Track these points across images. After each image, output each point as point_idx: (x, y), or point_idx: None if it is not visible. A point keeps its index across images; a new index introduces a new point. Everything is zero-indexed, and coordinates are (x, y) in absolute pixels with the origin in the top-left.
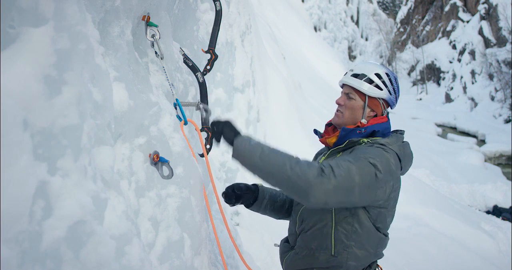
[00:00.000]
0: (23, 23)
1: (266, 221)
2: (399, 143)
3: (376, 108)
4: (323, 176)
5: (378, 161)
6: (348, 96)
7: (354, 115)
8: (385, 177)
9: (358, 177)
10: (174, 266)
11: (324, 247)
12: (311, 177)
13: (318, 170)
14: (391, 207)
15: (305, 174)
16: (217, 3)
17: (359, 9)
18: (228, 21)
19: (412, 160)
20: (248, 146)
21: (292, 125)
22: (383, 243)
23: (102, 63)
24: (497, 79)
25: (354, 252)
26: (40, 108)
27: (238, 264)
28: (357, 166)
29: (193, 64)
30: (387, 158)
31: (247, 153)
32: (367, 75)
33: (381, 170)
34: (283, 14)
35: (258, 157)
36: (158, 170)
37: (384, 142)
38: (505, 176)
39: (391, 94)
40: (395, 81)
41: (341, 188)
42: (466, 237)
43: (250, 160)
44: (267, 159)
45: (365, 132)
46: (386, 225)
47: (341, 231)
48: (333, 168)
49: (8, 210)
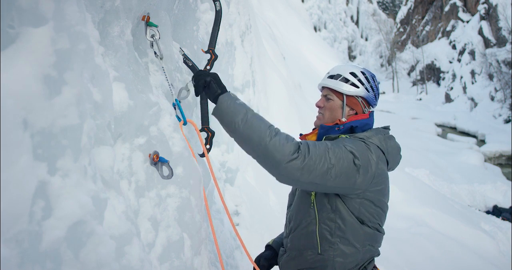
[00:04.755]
0: (23, 23)
1: (266, 221)
2: (379, 135)
3: (356, 107)
4: (298, 153)
5: (355, 149)
6: (327, 97)
7: (334, 116)
8: (363, 166)
9: (334, 160)
10: (174, 266)
11: (311, 246)
12: (287, 150)
13: (295, 146)
14: (378, 200)
15: (282, 146)
16: (217, 3)
17: (359, 9)
18: (228, 21)
19: (399, 153)
20: (233, 104)
21: (292, 125)
22: (373, 239)
23: (102, 63)
24: (497, 79)
25: (340, 249)
26: (40, 108)
27: (238, 264)
28: (334, 150)
29: (193, 64)
30: (365, 149)
31: (231, 111)
32: (342, 75)
33: (359, 158)
34: (283, 14)
35: (240, 118)
36: (158, 170)
37: (363, 135)
38: (505, 176)
39: (369, 92)
40: (372, 79)
41: (315, 167)
42: (466, 237)
43: (232, 120)
44: (249, 122)
45: (343, 129)
46: (374, 219)
47: (325, 228)
48: (309, 147)
49: (8, 210)
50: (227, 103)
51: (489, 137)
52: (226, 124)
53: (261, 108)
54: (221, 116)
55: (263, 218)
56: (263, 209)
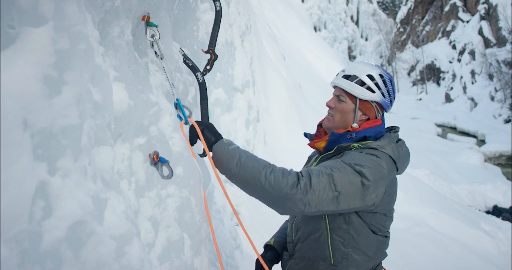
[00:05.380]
0: (23, 23)
1: (266, 221)
2: (392, 144)
3: (369, 112)
4: (298, 188)
5: (366, 168)
6: (339, 98)
7: (345, 119)
8: (374, 184)
9: (340, 187)
10: (174, 266)
11: (323, 257)
12: (284, 187)
13: (292, 180)
14: (388, 209)
15: (279, 184)
16: (217, 3)
17: (359, 9)
18: (228, 21)
19: (409, 158)
20: (227, 150)
21: (292, 125)
22: (384, 245)
23: (102, 63)
24: (497, 79)
25: (354, 259)
26: (40, 108)
27: (238, 264)
28: (339, 175)
29: (193, 64)
30: (377, 164)
31: (225, 157)
32: (359, 77)
33: (369, 178)
34: (283, 14)
35: (235, 163)
36: (158, 170)
37: (376, 145)
38: (505, 176)
39: (385, 97)
40: (390, 82)
41: (319, 199)
42: (466, 237)
43: (227, 166)
44: (243, 166)
45: (356, 137)
46: (385, 227)
47: (338, 240)
48: (311, 178)
49: (8, 210)
50: (221, 150)
51: (489, 136)
52: (223, 171)
53: (261, 108)
54: (217, 164)
55: (263, 218)
56: (263, 209)
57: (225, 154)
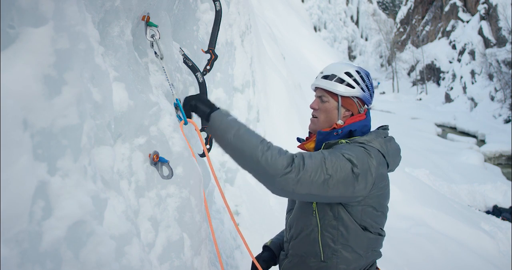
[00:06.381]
0: (23, 23)
1: (266, 221)
2: (379, 139)
3: (351, 108)
4: (292, 167)
5: (354, 157)
6: (321, 99)
7: (330, 118)
8: (363, 173)
9: (331, 170)
10: (174, 266)
11: (313, 254)
12: (280, 165)
13: (288, 160)
14: (379, 204)
15: (274, 161)
16: (217, 3)
17: (359, 9)
18: (228, 21)
19: (399, 154)
20: (225, 120)
21: (292, 125)
22: (376, 243)
23: (102, 63)
24: (497, 79)
25: (343, 256)
26: (40, 108)
27: (238, 264)
28: (331, 160)
29: (193, 64)
30: (365, 155)
31: (223, 126)
32: (337, 75)
33: (357, 166)
34: (283, 14)
35: (233, 133)
36: (158, 170)
37: (363, 140)
38: (505, 176)
39: (365, 91)
40: (367, 78)
41: (311, 179)
42: (466, 237)
43: (224, 135)
44: (241, 138)
45: (342, 133)
46: (377, 223)
47: (327, 236)
48: (304, 159)
49: (8, 210)
50: (218, 120)
51: (489, 137)
52: (219, 141)
53: (261, 108)
54: (213, 134)
55: (263, 218)
56: (263, 209)
57: (223, 124)
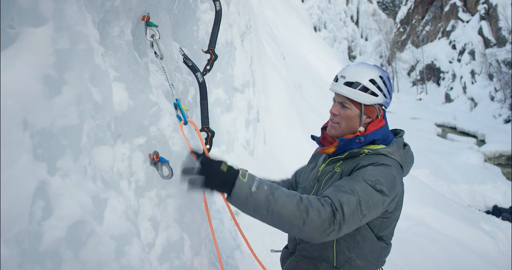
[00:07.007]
0: (23, 23)
1: None
2: (400, 151)
3: (372, 114)
4: (334, 224)
5: (384, 185)
6: (343, 105)
7: (351, 125)
8: (391, 196)
9: (366, 210)
10: (174, 266)
11: (325, 258)
12: (322, 227)
13: (330, 218)
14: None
15: (318, 226)
16: (217, 3)
17: (359, 9)
18: (228, 21)
19: (413, 161)
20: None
21: (292, 125)
22: (386, 252)
23: (101, 63)
24: (497, 79)
25: (356, 264)
26: (40, 108)
27: (238, 264)
28: (364, 200)
29: (193, 64)
30: (392, 176)
31: (250, 204)
32: (362, 83)
33: (388, 193)
34: (283, 14)
35: (265, 209)
36: (158, 170)
37: (386, 151)
38: (505, 176)
39: (386, 97)
40: (388, 82)
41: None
42: (466, 237)
43: (256, 213)
44: (275, 213)
45: (365, 141)
46: (391, 231)
47: (343, 244)
48: (343, 211)
49: (8, 210)
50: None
51: (489, 137)
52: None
53: (261, 108)
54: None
55: None
56: None
57: (249, 201)
